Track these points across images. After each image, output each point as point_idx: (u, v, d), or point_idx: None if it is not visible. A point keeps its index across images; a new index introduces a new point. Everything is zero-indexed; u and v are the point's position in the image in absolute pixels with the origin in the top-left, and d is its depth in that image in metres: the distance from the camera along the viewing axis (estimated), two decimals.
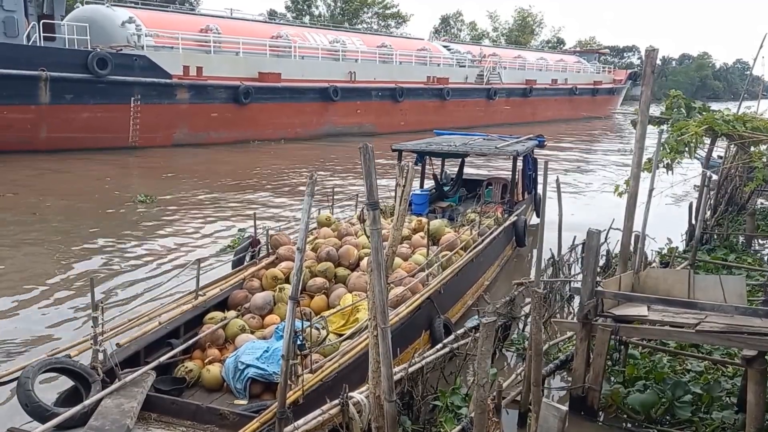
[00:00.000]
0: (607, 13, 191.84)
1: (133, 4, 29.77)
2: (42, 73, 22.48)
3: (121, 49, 25.55)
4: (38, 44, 23.27)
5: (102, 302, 5.24)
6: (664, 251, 10.39)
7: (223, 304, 6.98)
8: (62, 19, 25.40)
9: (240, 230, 12.43)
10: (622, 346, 6.55)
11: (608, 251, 9.74)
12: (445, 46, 46.57)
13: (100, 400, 4.81)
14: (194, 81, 27.15)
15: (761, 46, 14.13)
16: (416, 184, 13.31)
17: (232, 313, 6.71)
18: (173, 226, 13.74)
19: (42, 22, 23.44)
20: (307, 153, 27.58)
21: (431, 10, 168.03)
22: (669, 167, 8.85)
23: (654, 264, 9.19)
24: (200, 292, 6.76)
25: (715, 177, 12.73)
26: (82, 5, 29.69)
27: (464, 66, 43.99)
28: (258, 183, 19.48)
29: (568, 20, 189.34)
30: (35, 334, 7.83)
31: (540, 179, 10.50)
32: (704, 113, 9.78)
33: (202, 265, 6.87)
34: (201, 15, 32.44)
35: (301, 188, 17.13)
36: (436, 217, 10.33)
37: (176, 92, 26.76)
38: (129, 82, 25.01)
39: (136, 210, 15.16)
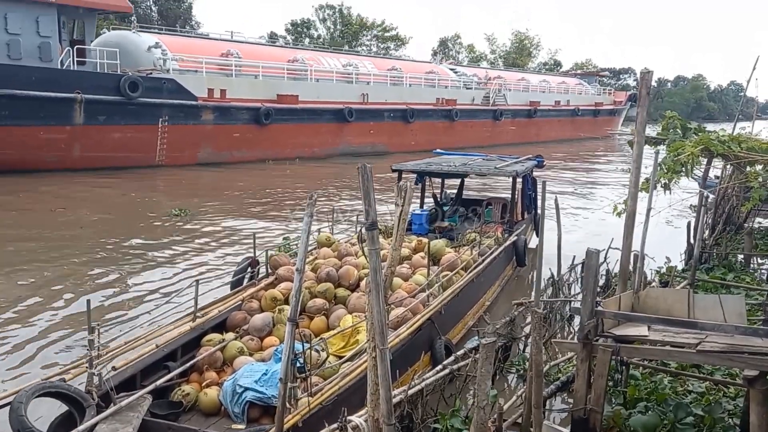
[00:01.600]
0: (601, 38, 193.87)
1: (157, 30, 30.90)
2: (77, 95, 23.43)
3: (151, 73, 26.59)
4: (72, 68, 24.33)
5: (99, 324, 5.15)
6: (663, 270, 10.29)
7: (221, 326, 6.86)
8: (91, 44, 26.44)
9: (285, 238, 11.79)
10: (624, 367, 6.44)
11: (608, 271, 9.64)
12: (452, 69, 47.81)
13: (95, 425, 4.70)
14: (218, 103, 28.27)
15: (754, 68, 14.20)
16: (416, 203, 13.26)
17: (230, 335, 6.60)
18: (192, 243, 13.87)
19: (75, 47, 24.59)
20: (322, 172, 28.17)
21: (434, 31, 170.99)
22: (666, 187, 8.81)
23: (653, 283, 9.09)
24: (198, 314, 6.66)
25: (712, 196, 12.66)
26: (108, 30, 30.78)
27: (471, 88, 45.26)
28: (274, 201, 19.85)
29: (564, 42, 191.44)
30: (32, 356, 7.71)
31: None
32: (700, 134, 9.76)
33: (201, 284, 6.77)
34: (221, 40, 33.90)
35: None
36: (436, 237, 10.26)
37: (201, 113, 27.79)
38: (158, 104, 25.95)
39: (166, 224, 15.59)
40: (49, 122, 23.08)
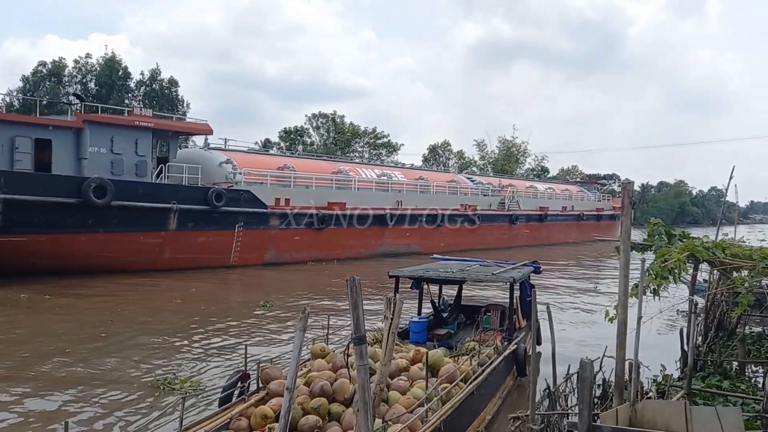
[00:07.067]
0: (588, 143, 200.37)
1: (215, 146, 34.15)
2: (173, 205, 26.48)
3: (232, 186, 29.90)
4: (163, 182, 27.82)
5: None
6: (660, 379, 9.90)
7: None
8: (172, 160, 29.48)
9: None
10: None
11: (604, 380, 9.22)
12: (469, 178, 52.05)
13: None
14: (283, 210, 31.60)
15: (731, 177, 14.47)
16: (414, 309, 13.00)
17: None
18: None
19: (167, 164, 28.38)
20: (364, 270, 29.07)
21: (423, 138, 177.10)
22: (656, 292, 8.65)
23: (651, 394, 8.72)
24: None
25: (701, 301, 12.43)
26: (180, 149, 34.06)
27: (487, 195, 49.03)
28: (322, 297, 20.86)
29: (549, 146, 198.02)
30: None
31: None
32: (685, 240, 9.72)
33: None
34: (276, 155, 38.32)
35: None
36: (435, 345, 9.93)
37: (270, 219, 30.98)
38: (236, 211, 29.10)
39: (248, 315, 17.19)
40: (148, 228, 25.86)
